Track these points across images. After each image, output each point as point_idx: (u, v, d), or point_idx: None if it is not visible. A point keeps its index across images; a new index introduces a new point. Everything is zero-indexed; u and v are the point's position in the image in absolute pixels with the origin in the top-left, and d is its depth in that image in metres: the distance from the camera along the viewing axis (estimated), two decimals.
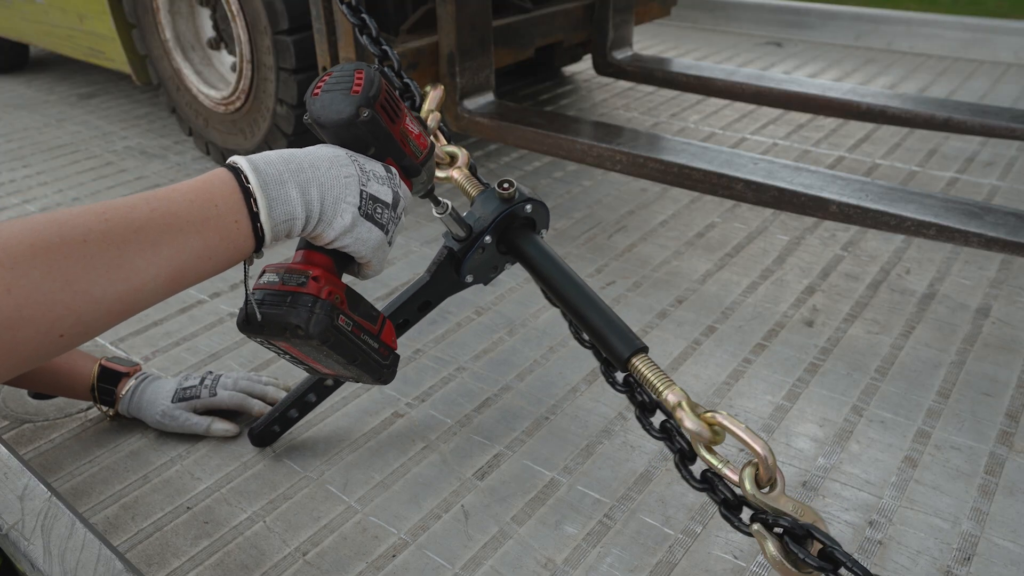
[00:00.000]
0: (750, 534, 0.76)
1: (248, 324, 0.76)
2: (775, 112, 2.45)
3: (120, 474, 1.10)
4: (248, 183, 0.66)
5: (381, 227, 0.76)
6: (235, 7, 1.87)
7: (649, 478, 1.07)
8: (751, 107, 2.51)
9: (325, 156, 0.73)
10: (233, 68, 2.10)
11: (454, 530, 1.00)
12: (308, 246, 0.78)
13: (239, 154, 2.33)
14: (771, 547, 0.73)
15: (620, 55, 2.29)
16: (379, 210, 0.75)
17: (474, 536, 0.99)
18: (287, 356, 0.82)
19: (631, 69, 2.25)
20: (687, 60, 2.30)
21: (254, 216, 0.66)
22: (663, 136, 1.67)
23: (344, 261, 0.79)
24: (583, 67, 3.01)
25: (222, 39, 2.13)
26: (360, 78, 0.76)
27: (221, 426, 1.15)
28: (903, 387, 1.23)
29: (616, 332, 0.89)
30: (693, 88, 2.15)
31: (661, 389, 0.82)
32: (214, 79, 2.17)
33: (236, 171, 0.67)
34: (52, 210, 1.93)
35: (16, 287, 0.53)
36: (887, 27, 3.19)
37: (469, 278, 1.02)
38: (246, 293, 0.75)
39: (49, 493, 0.88)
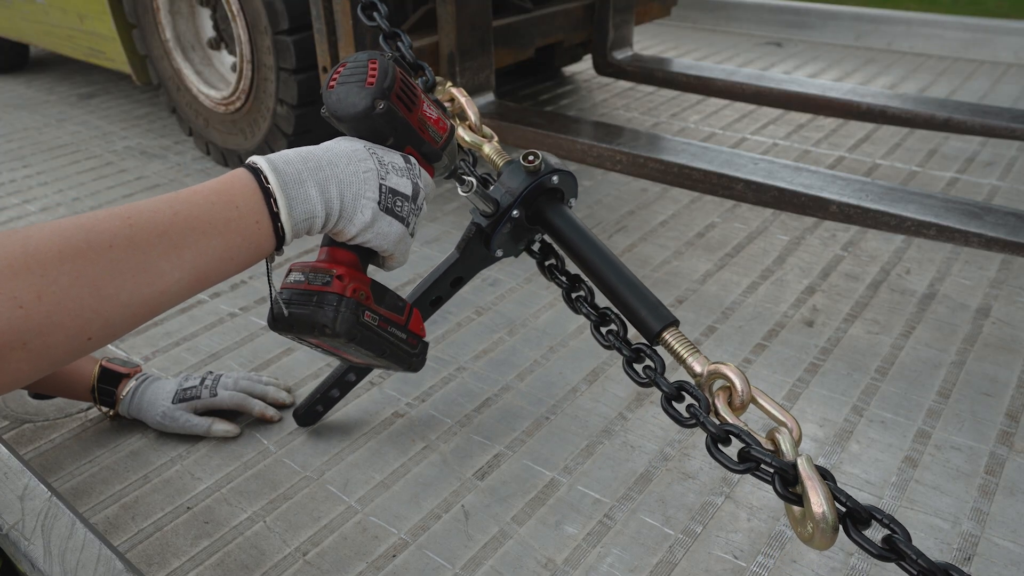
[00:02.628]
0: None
1: (278, 322, 0.77)
2: (775, 112, 2.45)
3: (120, 474, 1.10)
4: (268, 183, 0.67)
5: (401, 220, 0.76)
6: (235, 7, 1.87)
7: (649, 478, 1.07)
8: (751, 107, 2.51)
9: (344, 152, 0.73)
10: (233, 68, 2.10)
11: (454, 530, 1.00)
12: (331, 243, 0.78)
13: (239, 154, 2.31)
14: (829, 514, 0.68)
15: (620, 55, 2.29)
16: (399, 203, 0.75)
17: (474, 536, 0.99)
18: (318, 349, 0.83)
19: (631, 69, 2.25)
20: (687, 60, 2.30)
21: (274, 216, 0.67)
22: (663, 136, 1.67)
23: (368, 255, 0.79)
24: (583, 67, 3.01)
25: (222, 39, 2.13)
26: (374, 69, 0.75)
27: (222, 427, 1.15)
28: (903, 387, 1.23)
29: (646, 305, 0.86)
30: (693, 88, 2.15)
31: (685, 356, 0.79)
32: (214, 79, 2.17)
33: (256, 171, 0.67)
34: (53, 212, 1.90)
35: (46, 294, 0.53)
36: (887, 27, 3.19)
37: (499, 252, 1.01)
38: (271, 292, 0.76)
39: (49, 493, 0.88)
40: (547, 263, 1.03)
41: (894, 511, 1.00)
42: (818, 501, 0.67)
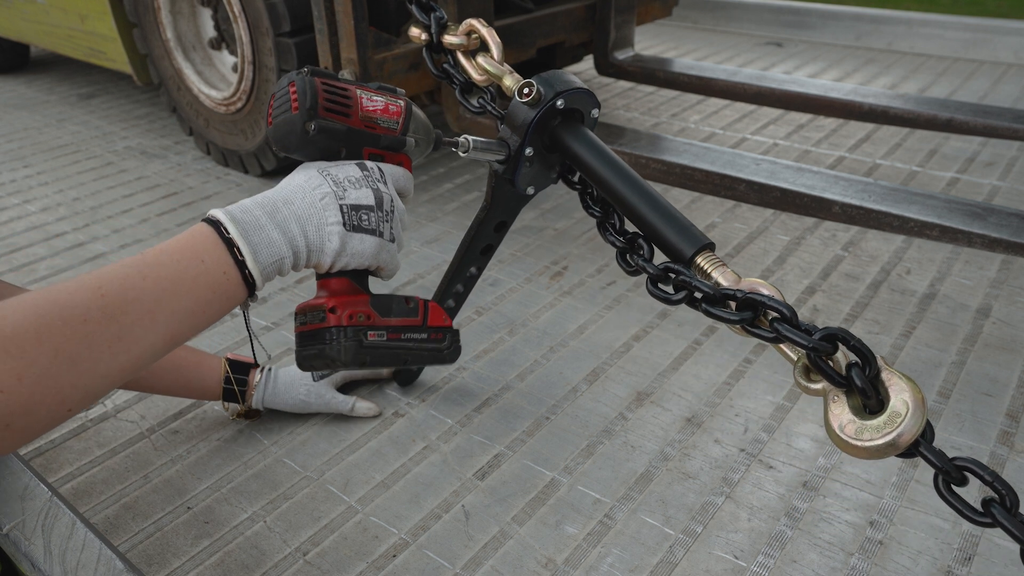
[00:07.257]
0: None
1: (302, 366, 0.80)
2: (776, 112, 2.45)
3: (120, 474, 1.10)
4: (228, 233, 0.68)
5: (372, 232, 0.75)
6: (237, 8, 1.87)
7: (649, 478, 1.07)
8: (752, 107, 2.51)
9: (297, 186, 0.73)
10: (234, 69, 2.10)
11: (454, 530, 1.00)
12: (319, 275, 0.79)
13: (239, 154, 2.30)
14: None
15: (621, 55, 2.29)
16: (364, 216, 0.75)
17: (474, 536, 0.99)
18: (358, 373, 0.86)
19: (632, 69, 2.25)
20: (688, 60, 2.30)
21: (240, 264, 0.68)
22: (665, 137, 1.67)
23: (360, 273, 0.79)
24: (584, 67, 3.01)
25: (223, 39, 2.13)
26: (295, 92, 0.74)
27: (364, 405, 1.19)
28: None
29: (677, 229, 0.78)
30: (694, 88, 2.15)
31: (710, 271, 0.73)
32: (215, 79, 2.17)
33: (215, 224, 0.69)
34: (53, 212, 1.89)
35: (27, 375, 0.55)
36: (887, 27, 3.19)
37: (530, 190, 0.96)
38: (251, 337, 0.81)
39: (49, 493, 0.88)
40: (588, 191, 0.93)
41: (894, 511, 1.00)
42: (917, 391, 0.62)
